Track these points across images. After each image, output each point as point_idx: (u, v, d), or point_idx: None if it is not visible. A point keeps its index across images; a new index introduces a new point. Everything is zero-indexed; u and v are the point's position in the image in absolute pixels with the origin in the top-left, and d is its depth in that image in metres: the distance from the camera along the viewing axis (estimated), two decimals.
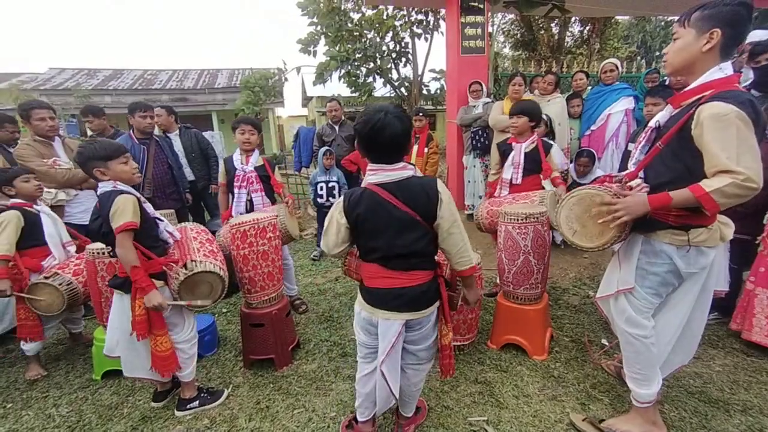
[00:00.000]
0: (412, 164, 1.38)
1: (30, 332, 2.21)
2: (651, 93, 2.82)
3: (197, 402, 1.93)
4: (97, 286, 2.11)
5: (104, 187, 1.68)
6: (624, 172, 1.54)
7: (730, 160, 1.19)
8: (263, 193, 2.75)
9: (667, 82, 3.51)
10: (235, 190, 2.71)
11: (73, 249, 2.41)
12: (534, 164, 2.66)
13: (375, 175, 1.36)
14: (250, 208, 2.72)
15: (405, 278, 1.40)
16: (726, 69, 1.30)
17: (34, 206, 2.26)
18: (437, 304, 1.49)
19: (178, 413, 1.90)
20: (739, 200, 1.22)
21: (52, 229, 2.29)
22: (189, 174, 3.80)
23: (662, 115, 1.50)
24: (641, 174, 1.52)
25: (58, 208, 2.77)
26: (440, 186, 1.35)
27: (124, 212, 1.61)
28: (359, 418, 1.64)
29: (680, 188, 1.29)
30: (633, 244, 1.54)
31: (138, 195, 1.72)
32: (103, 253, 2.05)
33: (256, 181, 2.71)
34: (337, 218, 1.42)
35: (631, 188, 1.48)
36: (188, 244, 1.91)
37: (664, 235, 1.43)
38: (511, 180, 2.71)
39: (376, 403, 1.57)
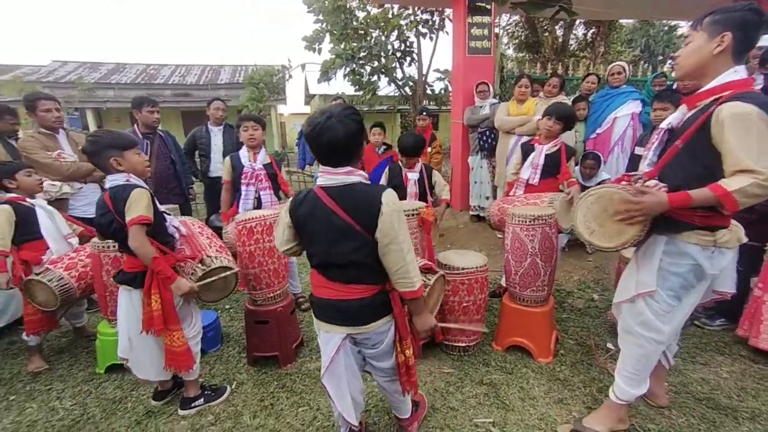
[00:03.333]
0: (361, 171, 1.33)
1: (40, 325, 2.20)
2: (659, 97, 2.82)
3: (202, 399, 1.92)
4: (102, 280, 2.10)
5: (116, 180, 1.65)
6: (642, 172, 1.53)
7: (751, 159, 1.19)
8: (272, 191, 2.73)
9: (674, 86, 3.50)
10: (243, 188, 2.68)
11: (75, 241, 2.35)
12: (553, 167, 2.65)
13: (321, 177, 1.32)
14: (257, 205, 2.70)
15: (344, 290, 1.33)
16: (741, 72, 1.32)
17: (29, 200, 2.22)
18: (388, 318, 1.39)
19: (181, 412, 1.89)
20: (758, 200, 1.22)
21: (49, 222, 2.24)
22: (221, 170, 3.77)
23: (675, 116, 1.51)
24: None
25: (62, 201, 2.76)
26: (386, 197, 1.25)
27: (138, 205, 1.59)
28: (341, 430, 1.59)
29: (698, 188, 1.30)
30: (654, 245, 1.50)
31: (149, 190, 1.70)
32: (108, 247, 2.04)
33: (264, 179, 2.69)
34: (283, 217, 1.39)
35: (648, 188, 1.46)
36: (197, 240, 1.90)
37: (690, 235, 1.41)
38: (528, 180, 2.71)
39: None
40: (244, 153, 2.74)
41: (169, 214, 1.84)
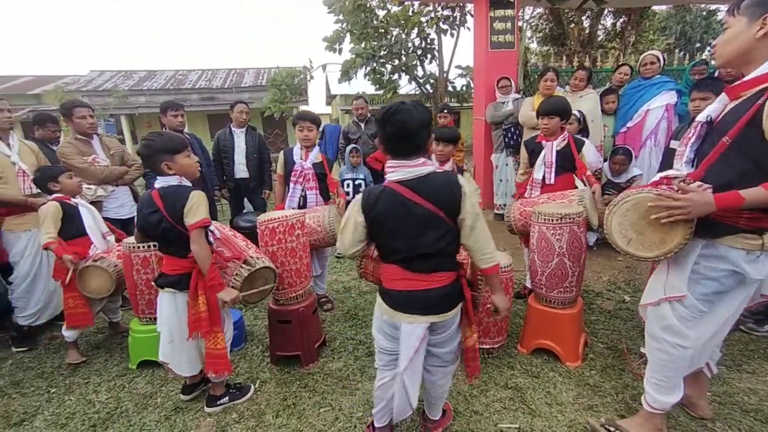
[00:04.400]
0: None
1: (80, 319, 2.30)
2: (699, 86, 2.62)
3: (227, 398, 1.96)
4: (133, 279, 2.18)
5: (168, 181, 1.68)
6: (684, 172, 1.40)
7: None
8: (318, 191, 2.74)
9: (716, 74, 3.28)
10: (291, 185, 2.72)
11: (112, 239, 2.51)
12: (567, 162, 2.53)
13: (395, 171, 1.33)
14: (302, 204, 2.72)
15: (428, 280, 1.35)
16: None
17: (72, 200, 2.36)
18: (461, 305, 1.45)
19: (207, 409, 1.93)
20: None
21: (91, 221, 2.38)
22: (244, 171, 3.86)
23: (714, 107, 1.38)
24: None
25: (96, 204, 2.89)
26: (462, 180, 1.33)
27: (200, 208, 1.62)
28: (376, 424, 1.61)
29: (749, 187, 1.18)
30: (689, 247, 1.39)
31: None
32: (138, 247, 2.12)
33: (312, 179, 2.71)
34: (354, 216, 1.38)
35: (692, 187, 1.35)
36: (235, 242, 1.95)
37: (734, 239, 1.30)
38: (543, 180, 2.59)
39: (393, 410, 1.52)
40: (297, 150, 2.77)
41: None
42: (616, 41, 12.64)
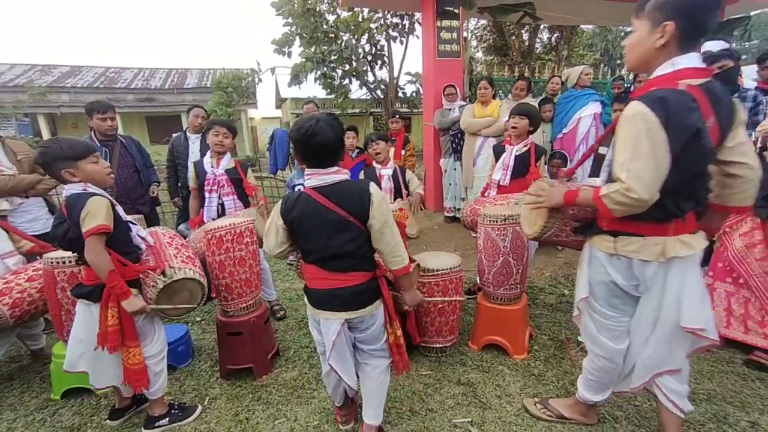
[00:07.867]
0: (345, 170, 1.48)
1: None
2: (618, 99, 2.97)
3: (167, 419, 1.82)
4: (57, 298, 1.95)
5: (73, 189, 1.56)
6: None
7: (622, 165, 1.14)
8: (235, 197, 2.65)
9: (632, 89, 3.70)
10: (206, 195, 2.60)
11: (13, 261, 2.12)
12: (523, 168, 2.68)
13: (310, 179, 1.45)
14: (221, 212, 2.62)
15: (342, 279, 1.46)
16: (680, 62, 1.15)
17: None
18: (379, 303, 1.55)
19: (145, 431, 1.78)
20: (630, 210, 1.16)
21: None
22: None
23: None
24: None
25: (0, 219, 2.53)
26: (373, 188, 1.42)
27: (96, 215, 1.50)
28: (336, 404, 1.76)
29: None
30: (585, 250, 1.50)
31: (111, 198, 1.61)
32: (64, 262, 1.90)
33: (226, 185, 2.62)
34: (275, 220, 1.49)
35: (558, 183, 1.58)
36: (164, 250, 1.80)
37: (598, 239, 1.39)
38: (499, 181, 2.76)
39: (345, 390, 1.69)
40: (207, 159, 2.66)
41: (134, 224, 1.75)
42: (551, 54, 13.73)
